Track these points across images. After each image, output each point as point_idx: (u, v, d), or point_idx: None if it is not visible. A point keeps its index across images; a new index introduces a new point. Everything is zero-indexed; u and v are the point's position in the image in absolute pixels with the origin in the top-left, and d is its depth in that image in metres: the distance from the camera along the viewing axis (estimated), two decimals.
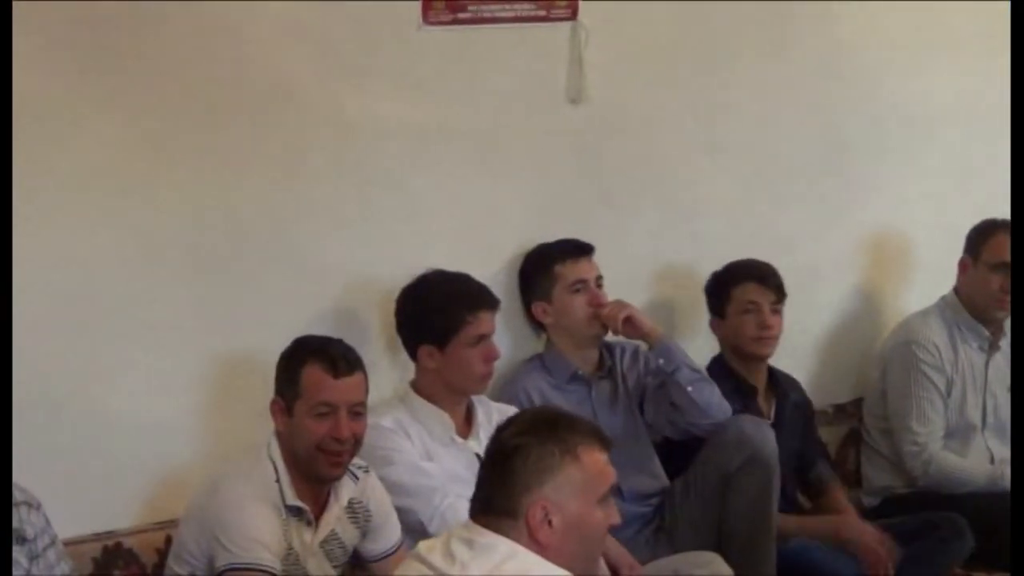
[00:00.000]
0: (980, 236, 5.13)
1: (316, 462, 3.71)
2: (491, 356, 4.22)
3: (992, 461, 5.12)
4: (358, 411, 3.75)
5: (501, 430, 2.99)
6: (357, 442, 3.76)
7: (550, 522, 2.85)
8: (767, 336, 4.81)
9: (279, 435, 3.76)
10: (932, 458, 5.03)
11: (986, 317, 5.15)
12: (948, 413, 5.10)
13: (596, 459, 2.91)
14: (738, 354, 4.85)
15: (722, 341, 4.89)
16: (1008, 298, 4.94)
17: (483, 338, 4.19)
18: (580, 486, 2.88)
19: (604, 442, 2.96)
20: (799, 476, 4.95)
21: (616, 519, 2.98)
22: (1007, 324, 5.17)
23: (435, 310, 4.18)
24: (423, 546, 2.98)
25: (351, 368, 3.74)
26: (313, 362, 3.71)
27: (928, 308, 5.25)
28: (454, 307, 4.17)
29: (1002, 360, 5.21)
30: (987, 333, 5.18)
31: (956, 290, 5.22)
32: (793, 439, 4.83)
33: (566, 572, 2.83)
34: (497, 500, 2.90)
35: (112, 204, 3.96)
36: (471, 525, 2.92)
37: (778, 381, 4.95)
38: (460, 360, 4.18)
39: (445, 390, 4.22)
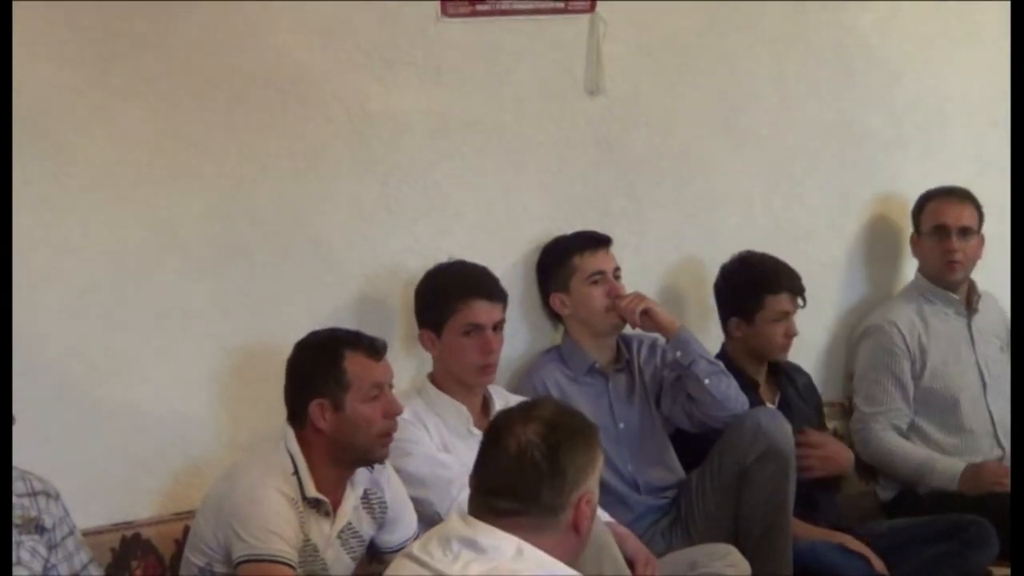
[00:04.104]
0: (917, 209, 5.31)
1: (374, 447, 3.76)
2: (487, 348, 4.21)
3: (993, 423, 5.18)
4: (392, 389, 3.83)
5: (516, 430, 2.94)
6: None
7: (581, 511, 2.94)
8: (791, 342, 4.84)
9: (311, 433, 3.73)
10: (871, 437, 5.12)
11: (948, 282, 5.23)
12: (920, 390, 5.15)
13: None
14: (755, 354, 4.85)
15: (740, 341, 4.85)
16: (956, 258, 5.16)
17: (476, 328, 4.19)
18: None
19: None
20: None
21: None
22: (979, 285, 5.31)
23: (431, 295, 4.24)
24: (416, 544, 2.99)
25: (383, 348, 3.81)
26: (352, 351, 3.74)
27: (897, 292, 5.40)
28: (446, 293, 4.21)
29: (982, 320, 5.29)
30: (957, 297, 5.26)
31: (919, 269, 5.33)
32: (804, 424, 4.84)
33: (575, 573, 2.88)
34: (536, 497, 2.90)
35: (134, 195, 3.97)
36: (474, 523, 2.90)
37: (779, 370, 4.95)
38: (454, 348, 4.20)
39: (454, 381, 4.24)
